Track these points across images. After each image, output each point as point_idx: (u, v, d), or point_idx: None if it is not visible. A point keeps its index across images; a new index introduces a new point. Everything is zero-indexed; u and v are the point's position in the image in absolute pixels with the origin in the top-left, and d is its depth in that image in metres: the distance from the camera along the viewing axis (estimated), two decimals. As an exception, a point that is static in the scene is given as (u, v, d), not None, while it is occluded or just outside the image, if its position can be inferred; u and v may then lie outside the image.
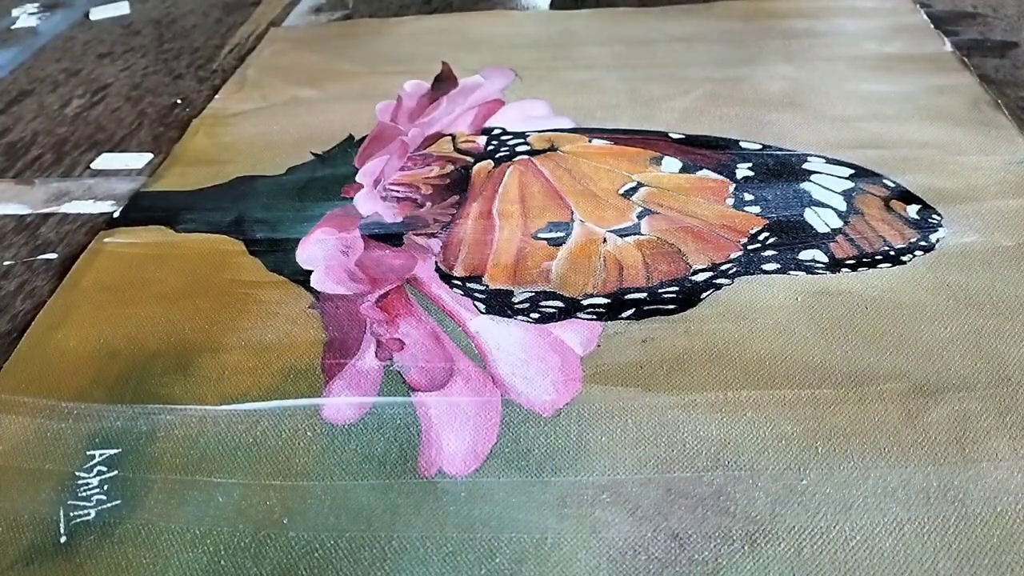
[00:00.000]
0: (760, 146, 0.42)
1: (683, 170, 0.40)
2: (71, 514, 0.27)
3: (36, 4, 0.72)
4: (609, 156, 0.42)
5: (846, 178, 0.39)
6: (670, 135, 0.43)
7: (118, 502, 0.28)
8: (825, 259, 0.35)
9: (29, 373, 0.33)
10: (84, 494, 0.28)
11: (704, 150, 0.42)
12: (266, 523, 0.27)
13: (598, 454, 0.28)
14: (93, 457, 0.29)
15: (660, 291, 0.34)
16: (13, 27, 0.68)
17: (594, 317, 0.33)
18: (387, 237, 0.38)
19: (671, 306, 0.33)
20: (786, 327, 0.32)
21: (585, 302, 0.34)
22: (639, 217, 0.37)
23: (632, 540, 0.25)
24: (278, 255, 0.38)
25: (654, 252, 0.35)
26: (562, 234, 0.37)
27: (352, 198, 0.41)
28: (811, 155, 0.41)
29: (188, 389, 0.31)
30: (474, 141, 0.44)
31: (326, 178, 0.43)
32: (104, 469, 0.29)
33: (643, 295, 0.34)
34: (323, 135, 0.47)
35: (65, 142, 0.50)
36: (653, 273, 0.34)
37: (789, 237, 0.36)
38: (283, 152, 0.46)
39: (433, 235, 0.38)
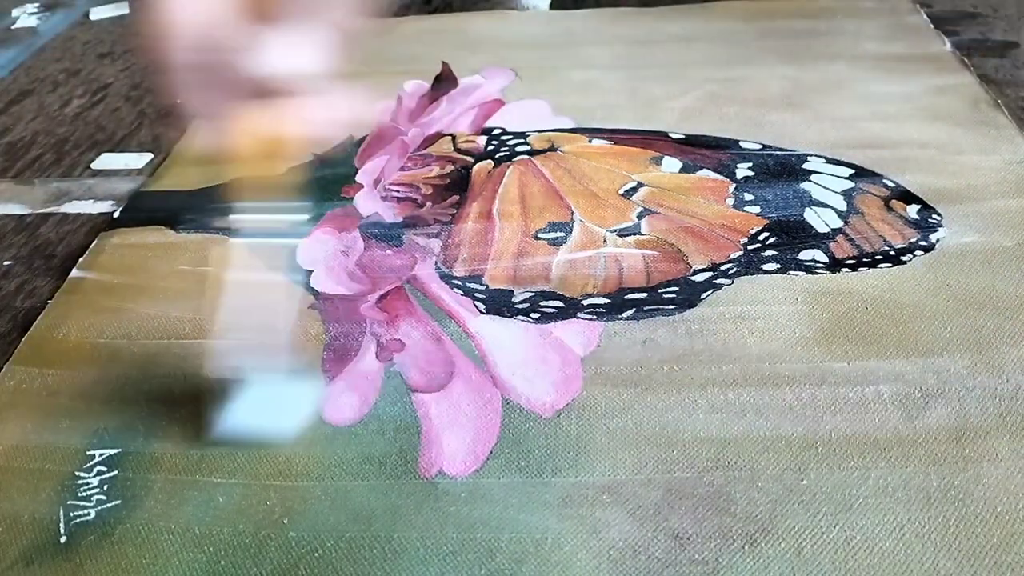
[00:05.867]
0: (760, 146, 0.42)
1: (683, 170, 0.40)
2: (71, 514, 0.27)
3: (36, 4, 0.72)
4: (609, 156, 0.42)
5: (846, 178, 0.39)
6: (670, 135, 0.43)
7: (118, 502, 0.28)
8: (825, 259, 0.35)
9: (29, 373, 0.33)
10: (84, 494, 0.28)
11: (704, 150, 0.42)
12: (266, 523, 0.27)
13: (598, 454, 0.28)
14: (93, 457, 0.29)
15: (660, 291, 0.34)
16: (13, 27, 0.68)
17: (594, 317, 0.33)
18: (387, 237, 0.38)
19: (671, 306, 0.33)
20: (786, 327, 0.32)
21: (585, 302, 0.33)
22: (639, 217, 0.37)
23: (632, 540, 0.25)
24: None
25: (654, 252, 0.35)
26: (562, 234, 0.37)
27: (352, 198, 0.41)
28: (811, 155, 0.41)
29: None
30: (474, 141, 0.44)
31: (326, 178, 0.43)
32: (104, 469, 0.29)
33: (643, 295, 0.34)
34: (323, 135, 0.46)
35: (65, 142, 0.50)
36: (653, 273, 0.34)
37: (789, 237, 0.36)
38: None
39: (433, 235, 0.38)
